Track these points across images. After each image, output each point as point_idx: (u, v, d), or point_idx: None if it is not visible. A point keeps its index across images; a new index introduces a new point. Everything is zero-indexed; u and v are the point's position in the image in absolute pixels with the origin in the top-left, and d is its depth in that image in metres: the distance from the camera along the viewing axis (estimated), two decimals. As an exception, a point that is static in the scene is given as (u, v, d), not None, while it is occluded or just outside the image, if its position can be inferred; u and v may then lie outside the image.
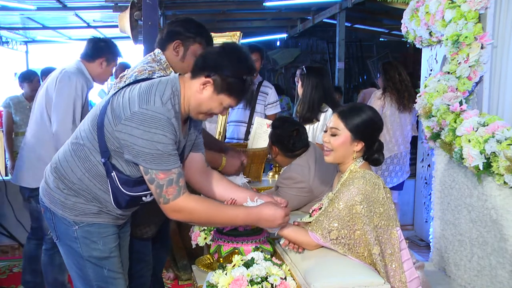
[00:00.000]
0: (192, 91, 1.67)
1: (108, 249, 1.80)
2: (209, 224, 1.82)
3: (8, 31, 8.65)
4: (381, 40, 10.77)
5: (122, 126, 1.59)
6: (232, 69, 1.62)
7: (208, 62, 1.64)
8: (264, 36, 10.13)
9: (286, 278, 1.66)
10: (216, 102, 1.67)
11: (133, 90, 1.64)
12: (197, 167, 1.92)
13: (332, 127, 1.87)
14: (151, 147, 1.56)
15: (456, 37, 2.37)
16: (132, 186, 1.72)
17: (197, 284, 2.19)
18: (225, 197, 1.94)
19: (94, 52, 2.86)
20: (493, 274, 2.25)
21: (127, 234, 2.00)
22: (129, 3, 3.88)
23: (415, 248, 3.88)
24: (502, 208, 2.16)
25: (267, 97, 4.07)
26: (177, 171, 1.63)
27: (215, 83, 1.63)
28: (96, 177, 1.73)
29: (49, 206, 1.79)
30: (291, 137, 2.53)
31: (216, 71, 1.62)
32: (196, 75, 1.66)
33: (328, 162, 1.92)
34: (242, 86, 1.65)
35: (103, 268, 1.79)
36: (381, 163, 1.94)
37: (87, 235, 1.77)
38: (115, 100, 1.66)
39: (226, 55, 1.64)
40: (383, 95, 3.94)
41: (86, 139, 1.72)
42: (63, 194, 1.75)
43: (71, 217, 1.75)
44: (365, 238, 1.75)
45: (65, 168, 1.75)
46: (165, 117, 1.57)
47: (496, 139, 2.12)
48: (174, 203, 1.64)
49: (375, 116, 1.89)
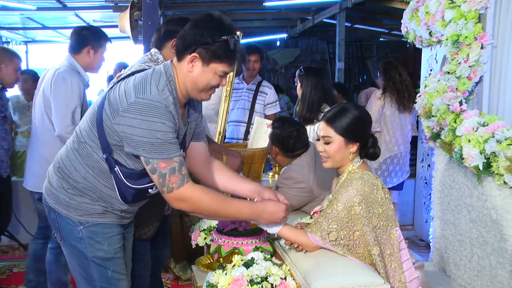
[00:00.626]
0: (184, 73, 1.65)
1: (113, 250, 1.79)
2: (214, 215, 1.78)
3: (8, 31, 8.65)
4: (381, 40, 10.77)
5: (120, 118, 1.58)
6: (210, 34, 1.60)
7: (187, 39, 1.63)
8: (264, 36, 10.12)
9: (286, 278, 1.66)
10: (209, 73, 1.64)
11: (129, 82, 1.64)
12: (200, 157, 1.91)
13: (324, 136, 1.87)
14: (150, 136, 1.55)
15: (456, 37, 2.37)
16: (136, 179, 1.71)
17: (197, 284, 2.19)
18: (229, 188, 1.93)
19: (79, 43, 2.84)
20: (493, 274, 2.25)
21: (130, 235, 2.00)
22: (129, 3, 3.87)
23: (415, 248, 3.88)
24: (502, 208, 2.16)
25: (266, 97, 4.08)
26: (178, 159, 1.61)
27: (201, 56, 1.61)
28: (100, 174, 1.72)
29: (54, 206, 1.78)
30: (291, 137, 2.53)
31: (197, 44, 1.60)
32: (181, 56, 1.65)
33: (328, 168, 1.92)
34: (227, 47, 1.62)
35: (107, 269, 1.78)
36: (378, 157, 1.93)
37: (92, 235, 1.76)
38: (112, 94, 1.66)
39: (199, 25, 1.62)
40: (383, 95, 3.94)
41: (87, 136, 1.72)
42: (67, 194, 1.75)
43: (76, 217, 1.75)
44: (364, 239, 1.75)
45: (68, 167, 1.75)
46: (162, 105, 1.57)
47: (496, 139, 2.12)
48: (178, 191, 1.62)
49: (360, 112, 1.88)
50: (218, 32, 1.61)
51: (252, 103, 4.07)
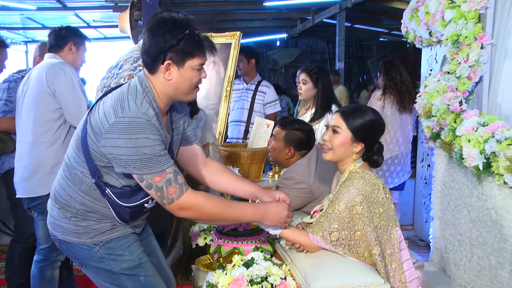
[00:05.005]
0: (162, 82, 1.62)
1: (137, 257, 1.77)
2: (218, 219, 1.76)
3: (8, 31, 8.66)
4: (381, 40, 10.79)
5: (105, 141, 1.55)
6: (172, 36, 1.57)
7: (152, 51, 1.59)
8: (264, 36, 10.14)
9: (286, 278, 1.66)
10: (188, 72, 1.61)
11: (106, 103, 1.61)
12: (197, 160, 1.89)
13: (334, 125, 1.88)
14: (137, 153, 1.53)
15: (456, 37, 2.37)
16: (129, 197, 1.68)
17: (197, 284, 2.19)
18: (229, 189, 1.92)
19: (60, 40, 2.78)
20: (493, 274, 2.26)
21: (149, 238, 1.97)
22: (129, 3, 3.87)
23: (415, 248, 3.88)
24: (502, 208, 2.16)
25: (265, 96, 4.10)
26: (171, 170, 1.59)
27: (174, 60, 1.58)
28: (97, 198, 1.70)
29: (63, 238, 1.75)
30: (309, 133, 2.57)
31: (165, 51, 1.57)
32: (153, 69, 1.62)
33: (326, 159, 1.92)
34: (193, 40, 1.60)
35: (138, 276, 1.76)
36: (380, 165, 1.94)
37: (111, 251, 1.73)
38: (92, 117, 1.63)
39: (158, 33, 1.58)
40: (384, 96, 3.94)
41: (76, 163, 1.69)
42: (72, 222, 1.72)
43: (89, 241, 1.72)
44: (365, 239, 1.75)
45: (64, 197, 1.72)
46: (143, 120, 1.53)
47: (496, 139, 2.12)
48: (179, 201, 1.61)
49: (378, 119, 1.90)
50: (179, 30, 1.58)
51: (251, 103, 4.09)
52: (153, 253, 1.93)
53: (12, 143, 2.98)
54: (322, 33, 10.20)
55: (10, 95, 2.96)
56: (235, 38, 3.87)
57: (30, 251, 2.89)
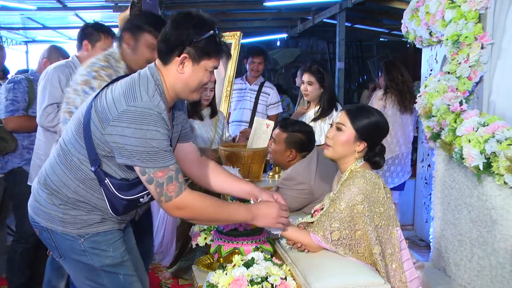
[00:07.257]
0: (173, 75, 1.60)
1: (120, 254, 1.75)
2: (211, 220, 1.76)
3: (8, 31, 8.66)
4: (381, 40, 10.78)
5: (112, 128, 1.51)
6: (196, 32, 1.56)
7: (172, 41, 1.58)
8: (264, 36, 10.12)
9: (286, 278, 1.66)
10: (200, 71, 1.60)
11: (115, 90, 1.57)
12: (191, 158, 1.88)
13: (339, 122, 1.88)
14: (145, 144, 1.49)
15: (456, 37, 2.37)
16: (127, 190, 1.65)
17: (197, 284, 2.18)
18: (225, 189, 1.91)
19: (78, 38, 2.83)
20: (493, 274, 2.25)
21: (130, 235, 1.95)
22: (129, 3, 3.88)
23: (415, 248, 3.87)
24: (502, 208, 2.16)
25: (269, 98, 4.11)
26: (174, 167, 1.57)
27: (191, 55, 1.57)
28: (92, 187, 1.66)
29: (46, 225, 1.69)
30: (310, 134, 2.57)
31: (185, 44, 1.56)
32: (168, 59, 1.59)
33: (327, 156, 1.92)
34: (214, 41, 1.60)
35: (118, 274, 1.74)
36: (381, 167, 1.95)
37: (95, 245, 1.70)
38: (98, 103, 1.58)
39: (182, 25, 1.57)
40: (385, 96, 3.93)
41: (74, 149, 1.64)
42: (60, 210, 1.66)
43: (74, 231, 1.67)
44: (366, 238, 1.75)
45: (55, 183, 1.67)
46: (155, 112, 1.50)
47: (496, 139, 2.12)
48: (177, 200, 1.58)
49: (382, 120, 1.90)
50: (204, 28, 1.58)
51: (254, 104, 4.11)
52: (131, 251, 1.90)
53: (14, 142, 2.99)
54: (322, 33, 10.18)
55: (16, 95, 2.97)
56: (235, 38, 3.87)
57: (31, 251, 2.89)
